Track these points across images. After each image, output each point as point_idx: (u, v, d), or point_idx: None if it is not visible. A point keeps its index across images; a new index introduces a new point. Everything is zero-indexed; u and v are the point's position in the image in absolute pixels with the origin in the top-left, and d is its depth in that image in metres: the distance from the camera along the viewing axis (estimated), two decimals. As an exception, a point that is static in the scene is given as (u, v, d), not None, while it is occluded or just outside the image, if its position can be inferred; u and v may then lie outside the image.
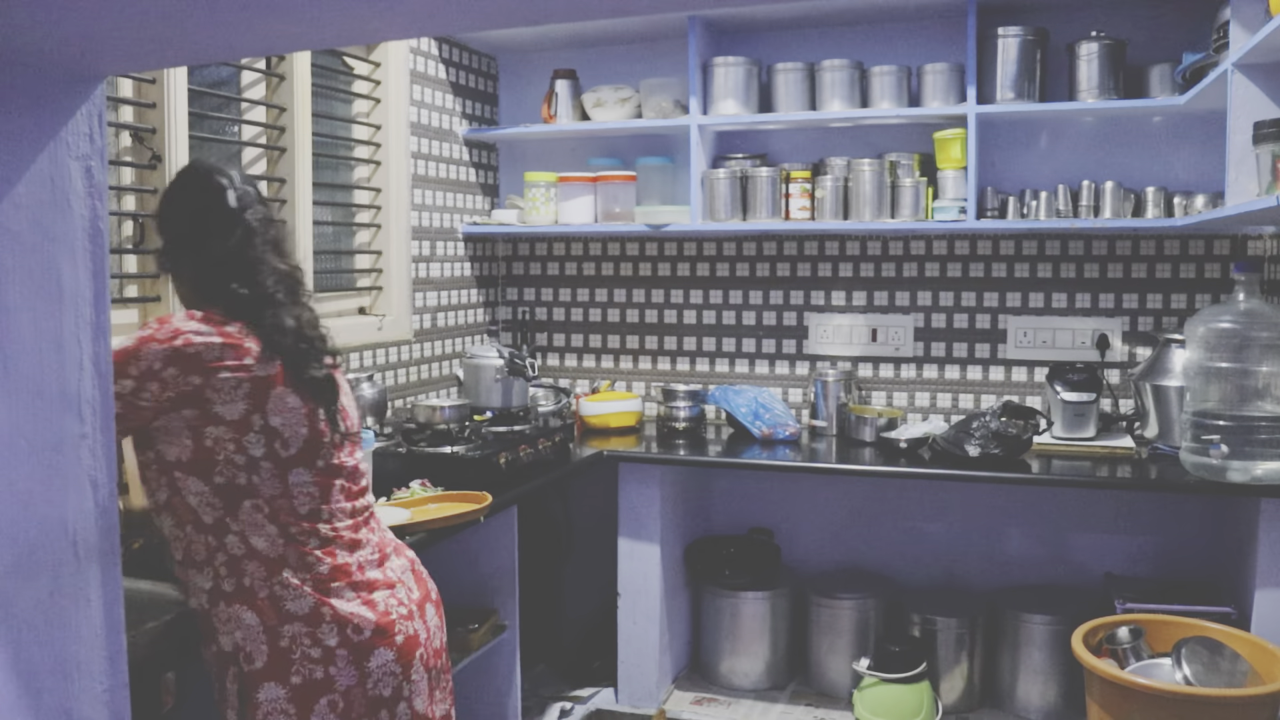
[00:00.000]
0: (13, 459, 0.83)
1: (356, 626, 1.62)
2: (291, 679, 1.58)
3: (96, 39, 0.80)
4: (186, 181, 1.72)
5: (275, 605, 1.58)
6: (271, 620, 1.58)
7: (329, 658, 1.59)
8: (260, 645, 1.58)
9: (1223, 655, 2.50)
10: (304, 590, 1.59)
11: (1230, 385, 2.68)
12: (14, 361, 0.83)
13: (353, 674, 1.61)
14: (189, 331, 1.56)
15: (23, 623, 0.84)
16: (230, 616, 1.59)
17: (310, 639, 1.59)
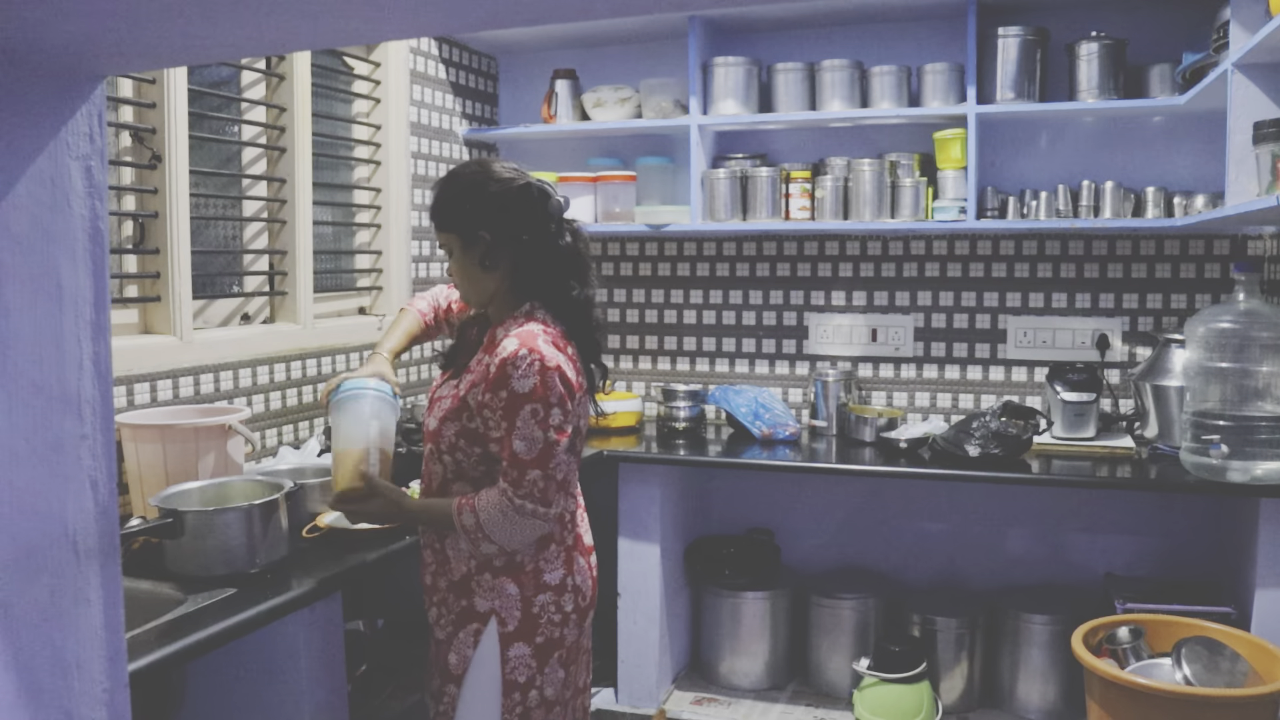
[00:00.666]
0: (13, 459, 0.83)
1: (583, 594, 1.91)
2: (537, 639, 1.85)
3: (96, 39, 0.80)
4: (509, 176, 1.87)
5: (536, 578, 1.85)
6: (529, 592, 1.84)
7: (565, 621, 1.88)
8: (515, 611, 1.84)
9: (1223, 655, 2.50)
10: (558, 562, 1.87)
11: (1230, 385, 2.68)
12: (14, 361, 0.83)
13: (575, 633, 1.91)
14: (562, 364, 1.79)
15: (23, 623, 0.84)
16: (494, 586, 1.84)
17: (555, 606, 1.86)
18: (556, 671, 1.87)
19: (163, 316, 2.47)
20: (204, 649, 1.64)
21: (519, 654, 1.84)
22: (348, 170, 3.27)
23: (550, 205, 1.87)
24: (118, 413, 2.24)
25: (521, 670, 1.84)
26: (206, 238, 2.74)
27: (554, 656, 1.86)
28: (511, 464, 1.76)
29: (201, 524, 1.88)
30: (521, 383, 1.74)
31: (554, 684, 1.87)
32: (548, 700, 1.87)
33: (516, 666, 1.84)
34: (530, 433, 1.75)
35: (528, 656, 1.84)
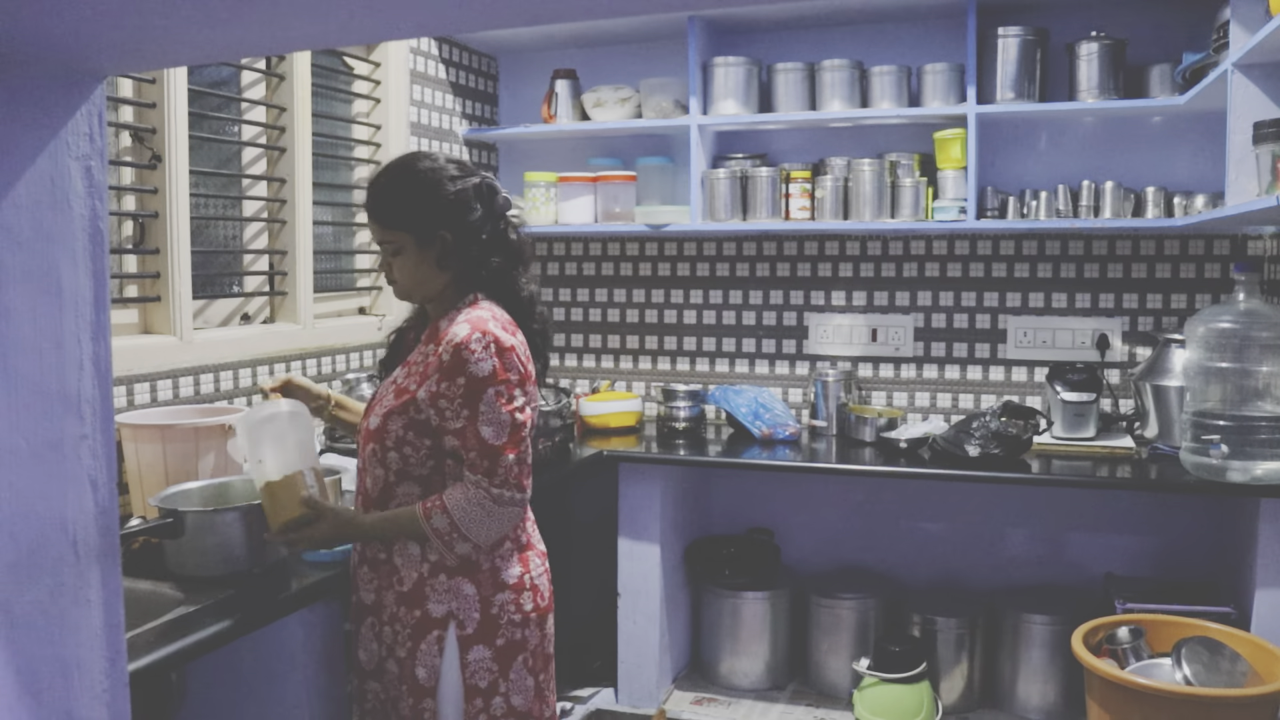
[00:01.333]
0: (13, 459, 0.83)
1: (542, 594, 1.84)
2: (497, 640, 1.76)
3: (96, 39, 0.80)
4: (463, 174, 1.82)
5: (494, 576, 1.77)
6: (488, 591, 1.76)
7: (526, 622, 1.80)
8: (474, 613, 1.75)
9: (1223, 655, 2.50)
10: (513, 560, 1.80)
11: (1230, 385, 2.68)
12: (14, 361, 0.83)
13: (538, 635, 1.82)
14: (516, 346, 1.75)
15: (23, 623, 0.84)
16: (449, 588, 1.75)
17: (515, 606, 1.78)
18: (525, 678, 1.79)
19: (163, 316, 2.47)
20: (204, 649, 1.64)
21: (479, 657, 1.75)
22: (348, 170, 3.27)
23: (498, 201, 1.85)
24: (118, 413, 2.24)
25: (483, 675, 1.75)
26: (206, 238, 2.74)
27: (518, 660, 1.78)
28: (482, 453, 1.69)
29: (201, 524, 1.88)
30: (479, 366, 1.68)
31: (522, 692, 1.78)
32: (516, 710, 1.78)
33: (477, 671, 1.74)
34: (497, 416, 1.69)
35: (489, 660, 1.75)
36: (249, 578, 1.88)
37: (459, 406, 1.70)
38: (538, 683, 1.82)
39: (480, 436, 1.69)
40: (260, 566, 1.91)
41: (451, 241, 1.79)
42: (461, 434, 1.71)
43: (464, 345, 1.69)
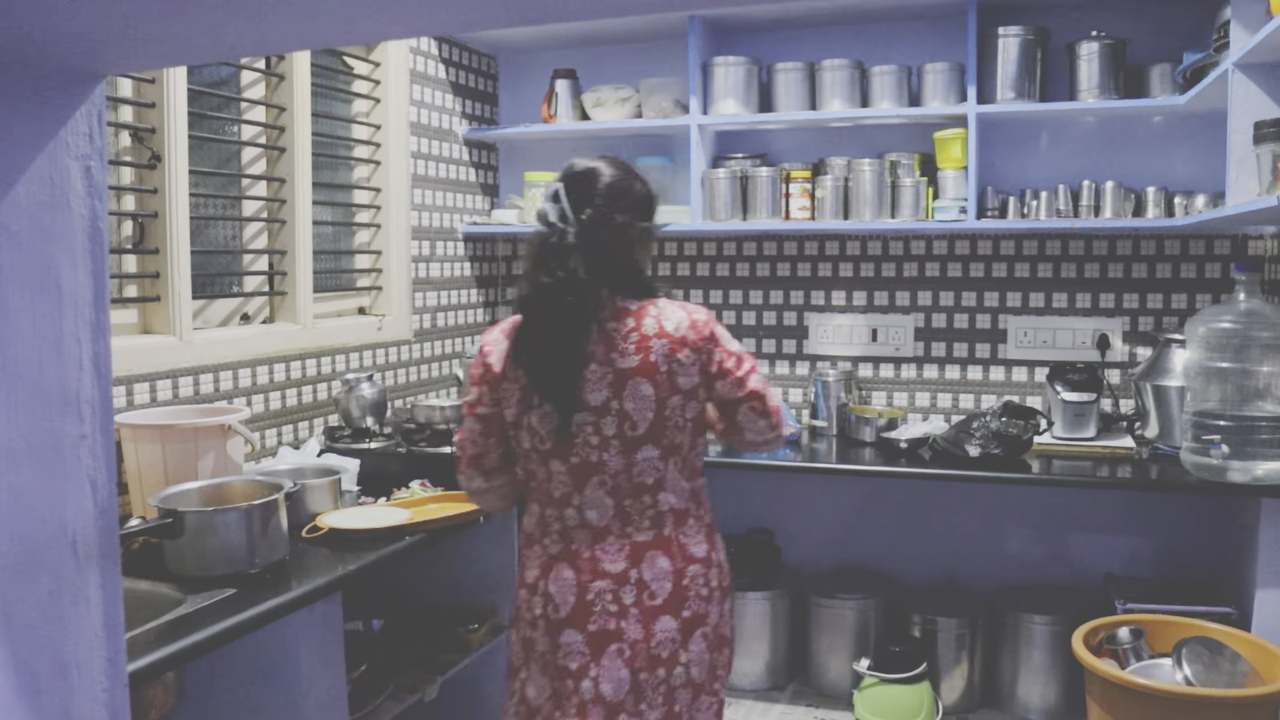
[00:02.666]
0: (12, 459, 0.83)
1: (557, 606, 1.79)
2: (589, 626, 1.76)
3: (96, 39, 0.80)
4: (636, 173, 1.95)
5: (520, 572, 1.87)
6: (516, 584, 1.86)
7: (534, 624, 1.81)
8: (569, 596, 1.77)
9: (1223, 655, 2.49)
10: (536, 564, 1.82)
11: (1231, 385, 2.68)
12: (13, 361, 0.82)
13: (547, 643, 1.79)
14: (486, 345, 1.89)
15: (22, 623, 0.84)
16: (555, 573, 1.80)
17: (527, 605, 1.83)
18: (537, 676, 1.81)
19: (162, 316, 2.47)
20: (204, 649, 1.64)
21: (511, 639, 1.91)
22: (347, 170, 3.27)
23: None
24: (117, 413, 2.23)
25: (516, 654, 1.88)
26: (206, 238, 2.74)
27: (531, 656, 1.82)
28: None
29: (201, 524, 1.88)
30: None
31: (536, 687, 1.81)
32: (529, 701, 1.82)
33: (512, 649, 1.90)
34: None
35: (516, 645, 1.88)
36: (249, 578, 1.88)
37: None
38: (553, 688, 1.79)
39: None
40: (257, 566, 1.91)
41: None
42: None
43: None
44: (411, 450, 2.72)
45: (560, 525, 1.81)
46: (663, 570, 1.78)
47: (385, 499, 2.49)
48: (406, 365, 3.39)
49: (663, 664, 1.77)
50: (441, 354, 3.60)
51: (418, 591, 2.80)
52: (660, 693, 1.77)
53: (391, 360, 3.31)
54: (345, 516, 2.27)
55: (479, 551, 2.75)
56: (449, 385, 3.63)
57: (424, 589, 2.79)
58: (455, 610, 2.71)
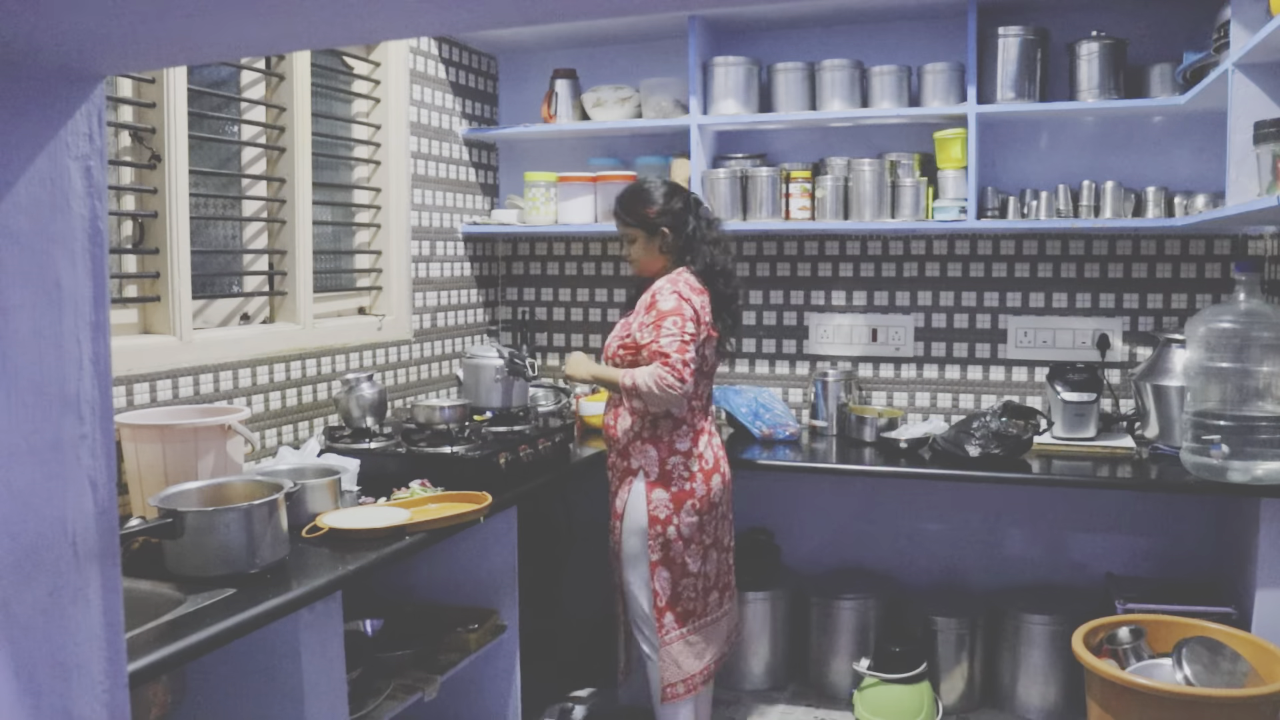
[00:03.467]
0: (12, 459, 0.83)
1: (707, 460, 2.67)
2: (671, 488, 2.62)
3: (96, 39, 0.80)
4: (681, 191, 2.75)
5: (670, 445, 2.64)
6: (664, 454, 2.63)
7: (692, 477, 2.64)
8: (654, 467, 2.63)
9: (1223, 655, 2.49)
10: (686, 437, 2.65)
11: (1231, 385, 2.68)
12: (13, 361, 0.82)
13: (704, 488, 2.64)
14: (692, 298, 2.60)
15: (22, 623, 0.84)
16: (641, 450, 2.65)
17: (684, 465, 2.64)
18: (689, 516, 2.61)
19: (162, 316, 2.47)
20: (204, 649, 1.63)
21: (659, 498, 2.61)
22: (347, 170, 3.27)
23: (702, 210, 2.75)
24: (117, 413, 2.23)
25: (661, 508, 2.60)
26: (206, 238, 2.74)
27: (685, 504, 2.60)
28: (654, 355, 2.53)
29: (201, 524, 1.88)
30: (664, 303, 2.57)
31: (689, 525, 2.61)
32: (684, 537, 2.61)
33: (659, 506, 2.60)
34: (670, 336, 2.52)
35: (666, 500, 2.60)
36: (249, 578, 1.88)
37: (650, 329, 2.56)
38: (701, 520, 2.63)
39: (658, 344, 2.52)
40: (257, 566, 1.91)
41: (669, 235, 2.68)
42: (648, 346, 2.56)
43: (657, 292, 2.61)
44: (411, 450, 2.72)
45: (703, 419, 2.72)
46: None
47: (385, 499, 2.49)
48: (406, 365, 3.39)
49: None
50: (441, 354, 3.60)
51: (418, 591, 2.80)
52: None
53: (391, 360, 3.31)
54: (345, 516, 2.27)
55: (479, 551, 2.75)
56: (449, 385, 3.63)
57: (424, 589, 2.79)
58: (455, 610, 2.71)
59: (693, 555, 2.64)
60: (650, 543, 2.61)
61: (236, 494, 2.06)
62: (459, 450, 2.69)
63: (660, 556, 2.62)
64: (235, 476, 2.19)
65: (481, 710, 2.79)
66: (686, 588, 2.65)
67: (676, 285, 2.59)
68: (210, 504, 2.01)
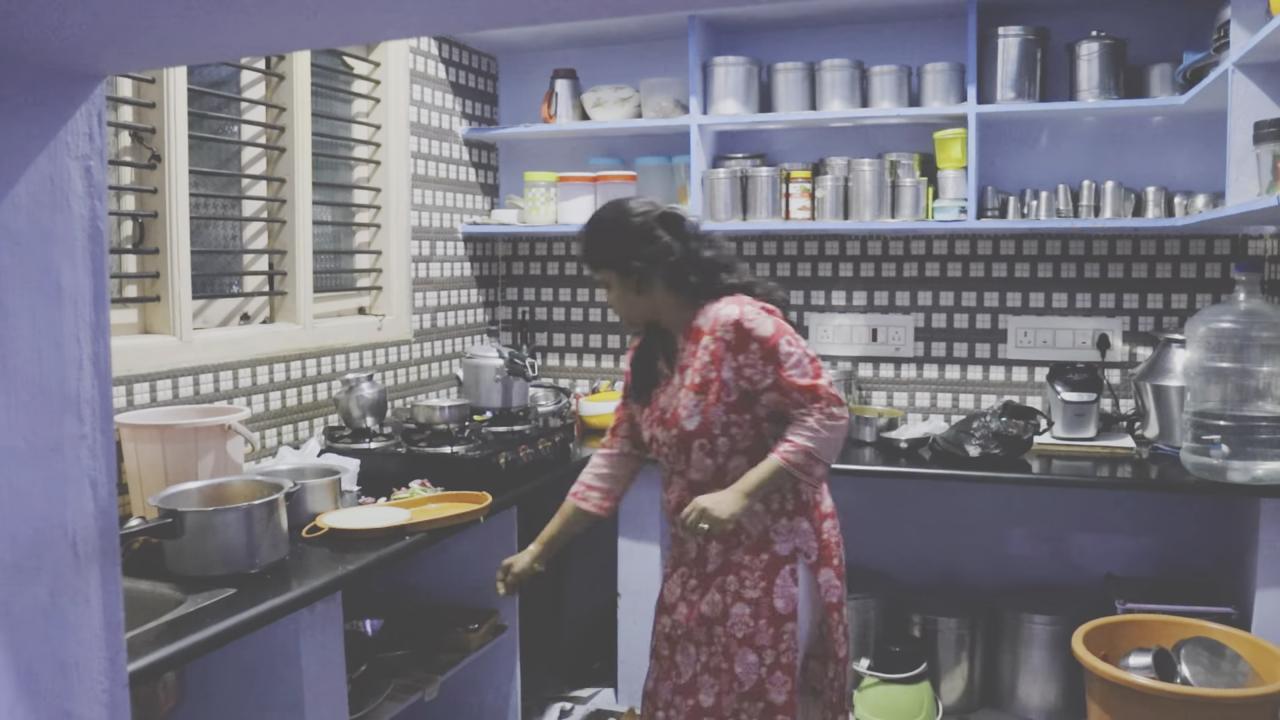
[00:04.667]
0: (12, 459, 0.83)
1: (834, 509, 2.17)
2: (833, 560, 2.10)
3: (96, 39, 0.80)
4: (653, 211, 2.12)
5: (819, 507, 2.11)
6: (818, 523, 2.09)
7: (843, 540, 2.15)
8: (813, 544, 2.07)
9: (1223, 656, 2.49)
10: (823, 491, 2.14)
11: (1231, 385, 2.68)
12: (13, 361, 0.82)
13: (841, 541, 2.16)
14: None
15: (22, 623, 0.84)
16: (790, 529, 2.06)
17: (834, 528, 2.13)
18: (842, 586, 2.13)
19: (162, 316, 2.47)
20: (204, 649, 1.64)
21: (827, 580, 2.08)
22: (347, 170, 3.27)
23: (686, 225, 2.12)
24: (117, 413, 2.24)
25: (832, 592, 2.08)
26: (206, 238, 2.74)
27: (841, 568, 2.13)
28: (801, 393, 1.99)
29: (201, 524, 1.88)
30: (763, 328, 1.99)
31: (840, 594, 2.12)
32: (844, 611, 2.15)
33: (829, 589, 2.08)
34: (798, 358, 2.00)
35: (833, 579, 2.09)
36: (249, 578, 1.88)
37: (762, 364, 1.99)
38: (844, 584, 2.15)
39: (791, 379, 1.98)
40: (257, 566, 1.91)
41: (641, 268, 2.07)
42: (776, 386, 2.00)
43: (740, 321, 2.00)
44: (411, 450, 2.72)
45: None
46: None
47: (385, 499, 2.49)
48: (406, 365, 3.39)
49: None
50: (441, 354, 3.60)
51: (418, 591, 2.80)
52: None
53: (391, 360, 3.31)
54: (345, 516, 2.27)
55: (479, 551, 2.75)
56: (449, 385, 3.63)
57: (424, 589, 2.79)
58: (455, 610, 2.71)
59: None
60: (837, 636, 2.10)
61: (237, 494, 2.06)
62: (459, 450, 2.69)
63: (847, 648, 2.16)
64: (235, 476, 2.19)
65: (481, 710, 2.80)
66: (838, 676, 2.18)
67: (743, 308, 2.03)
68: (210, 504, 2.01)
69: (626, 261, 2.07)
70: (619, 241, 2.08)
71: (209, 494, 2.07)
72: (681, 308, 2.10)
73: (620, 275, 2.09)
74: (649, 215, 2.08)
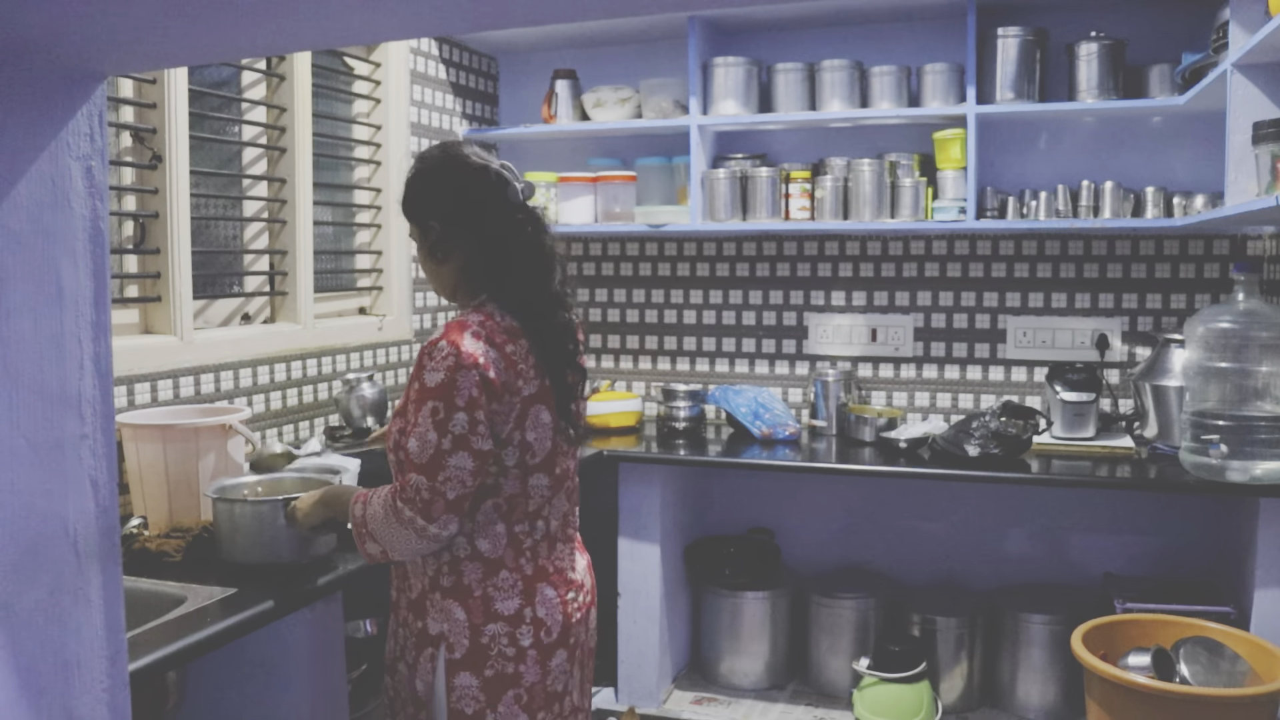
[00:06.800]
0: (13, 459, 0.83)
1: (549, 629, 1.70)
2: (485, 671, 1.67)
3: (96, 39, 0.80)
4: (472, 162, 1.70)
5: (486, 605, 1.67)
6: (478, 619, 1.67)
7: (521, 656, 1.68)
8: (463, 639, 1.67)
9: (1222, 655, 2.50)
10: (514, 591, 1.68)
11: (1230, 385, 2.68)
12: (14, 361, 0.83)
13: (538, 672, 1.70)
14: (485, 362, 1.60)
15: (23, 623, 0.84)
16: (443, 609, 1.68)
17: (509, 639, 1.67)
18: (516, 714, 1.68)
19: (163, 316, 2.47)
20: (204, 649, 1.64)
21: (465, 684, 1.67)
22: (348, 170, 3.27)
23: (508, 192, 1.68)
24: (118, 413, 2.24)
25: (469, 702, 1.67)
26: (207, 238, 2.74)
27: (508, 694, 1.67)
28: (402, 463, 1.62)
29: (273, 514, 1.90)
30: (431, 375, 1.58)
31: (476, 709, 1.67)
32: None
33: (463, 697, 1.67)
34: (425, 433, 1.58)
35: (475, 689, 1.66)
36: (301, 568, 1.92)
37: (413, 410, 1.61)
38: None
39: (407, 447, 1.60)
40: (307, 557, 1.93)
41: (440, 231, 1.69)
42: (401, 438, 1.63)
43: (427, 350, 1.60)
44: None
45: (531, 546, 1.72)
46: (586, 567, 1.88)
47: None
48: (407, 365, 3.39)
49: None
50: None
51: (418, 591, 2.80)
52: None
53: (392, 360, 3.31)
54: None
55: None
56: (449, 385, 3.62)
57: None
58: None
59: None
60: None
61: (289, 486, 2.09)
62: (459, 450, 2.69)
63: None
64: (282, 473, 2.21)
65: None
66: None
67: (461, 341, 1.59)
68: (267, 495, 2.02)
69: (425, 218, 1.71)
70: (424, 191, 1.71)
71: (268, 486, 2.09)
72: (467, 296, 1.73)
73: (421, 233, 1.73)
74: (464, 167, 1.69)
